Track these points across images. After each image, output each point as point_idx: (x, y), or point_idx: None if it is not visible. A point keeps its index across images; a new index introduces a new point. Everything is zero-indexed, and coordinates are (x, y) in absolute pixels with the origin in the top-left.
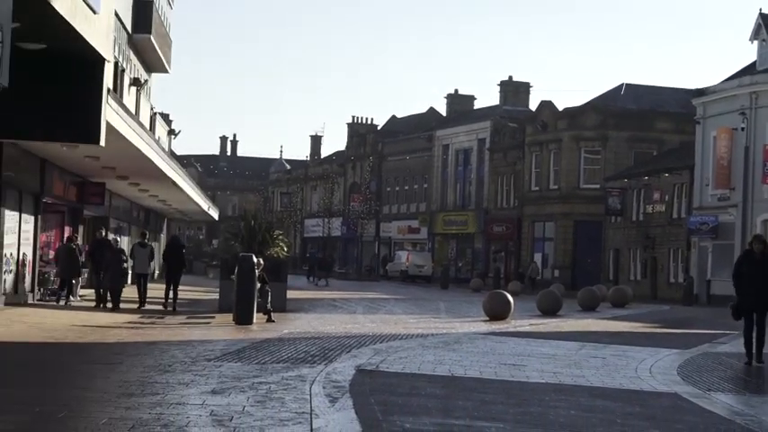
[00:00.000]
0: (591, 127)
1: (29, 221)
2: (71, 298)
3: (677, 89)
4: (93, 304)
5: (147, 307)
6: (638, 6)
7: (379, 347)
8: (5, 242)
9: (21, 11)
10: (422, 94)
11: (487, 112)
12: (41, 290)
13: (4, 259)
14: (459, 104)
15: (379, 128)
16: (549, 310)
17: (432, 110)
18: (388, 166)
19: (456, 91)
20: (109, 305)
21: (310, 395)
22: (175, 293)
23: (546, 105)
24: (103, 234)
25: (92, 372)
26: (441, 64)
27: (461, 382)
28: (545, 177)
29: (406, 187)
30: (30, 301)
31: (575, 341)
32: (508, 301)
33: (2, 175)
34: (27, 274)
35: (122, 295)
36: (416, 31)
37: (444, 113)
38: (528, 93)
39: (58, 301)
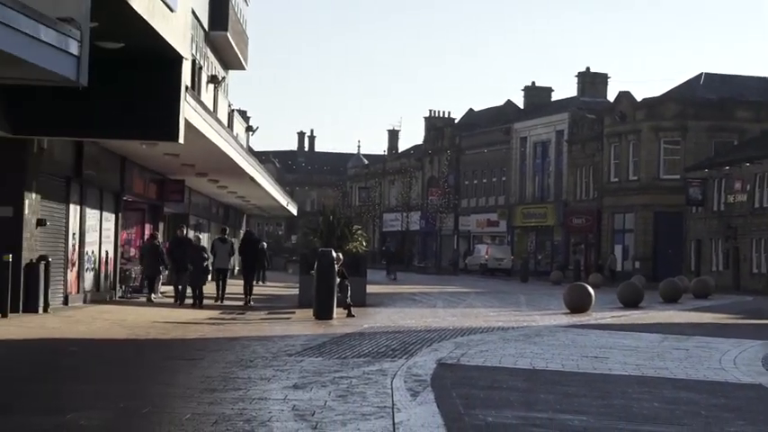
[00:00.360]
0: (670, 117)
1: (110, 219)
2: (153, 295)
3: (757, 78)
4: (172, 301)
5: (227, 303)
6: None
7: (460, 341)
8: (87, 240)
9: (99, 10)
10: (499, 87)
11: (565, 104)
12: (123, 287)
13: (86, 257)
14: (537, 97)
15: (456, 121)
16: (631, 302)
17: (509, 102)
18: (466, 160)
19: (533, 83)
20: (188, 302)
21: (392, 389)
22: (250, 287)
23: (624, 96)
24: (184, 232)
25: (174, 368)
26: (518, 56)
27: (543, 374)
28: (624, 168)
29: (485, 180)
30: (111, 299)
31: (657, 333)
32: (589, 294)
33: (83, 173)
34: (108, 272)
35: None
36: (493, 23)
37: (522, 106)
38: (606, 84)
39: (149, 298)
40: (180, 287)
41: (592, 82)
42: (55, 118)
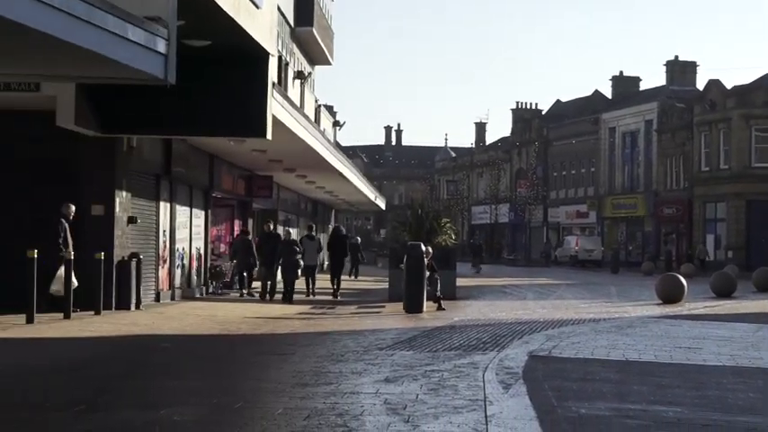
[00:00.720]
0: (761, 104)
1: (199, 216)
2: (245, 290)
3: None
4: (256, 297)
5: (317, 297)
6: None
7: (552, 333)
8: (177, 237)
9: (185, 8)
10: (586, 78)
11: (654, 93)
12: (213, 283)
13: (177, 254)
14: (625, 86)
15: (543, 112)
16: (724, 292)
17: (597, 93)
18: (554, 151)
19: (621, 73)
20: (277, 297)
21: (483, 382)
22: (338, 282)
23: (714, 84)
24: (271, 227)
25: (266, 363)
26: (605, 46)
27: (636, 366)
28: (715, 157)
29: (573, 172)
30: (202, 295)
31: (751, 323)
32: (681, 284)
33: (172, 171)
34: (199, 268)
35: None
36: (579, 13)
37: (610, 96)
38: (695, 72)
39: (242, 294)
40: (269, 282)
41: (681, 70)
42: (143, 116)
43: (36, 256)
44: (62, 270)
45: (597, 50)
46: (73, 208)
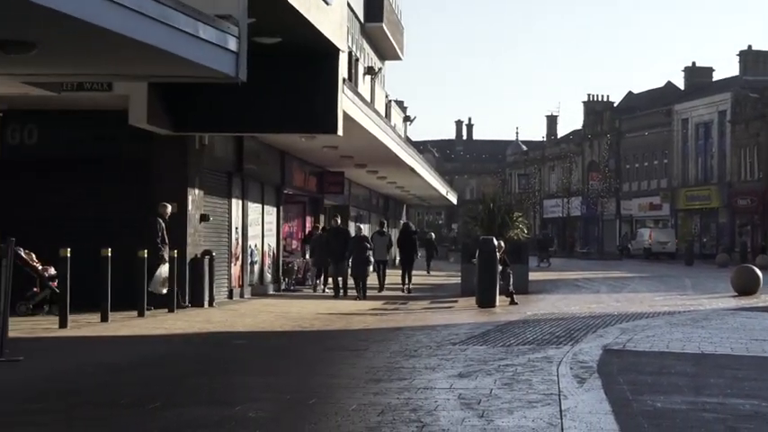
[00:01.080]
0: None
1: (271, 213)
2: (322, 286)
3: None
4: (333, 293)
5: (387, 293)
6: None
7: (626, 326)
8: (250, 234)
9: (256, 6)
10: (658, 69)
11: (727, 84)
12: (286, 280)
13: (249, 251)
14: (698, 77)
15: (615, 104)
16: None
17: (669, 84)
18: (627, 143)
19: (693, 63)
20: (351, 293)
21: (558, 376)
22: (409, 277)
23: None
24: (338, 222)
25: (339, 358)
26: (676, 37)
27: (712, 359)
28: None
29: (646, 164)
30: (274, 291)
31: None
32: (757, 276)
33: (244, 168)
34: (271, 265)
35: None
36: (650, 4)
37: (682, 87)
38: None
39: (314, 289)
40: (340, 279)
41: (754, 60)
42: (215, 114)
43: (111, 254)
44: (161, 269)
45: (669, 41)
46: (169, 208)
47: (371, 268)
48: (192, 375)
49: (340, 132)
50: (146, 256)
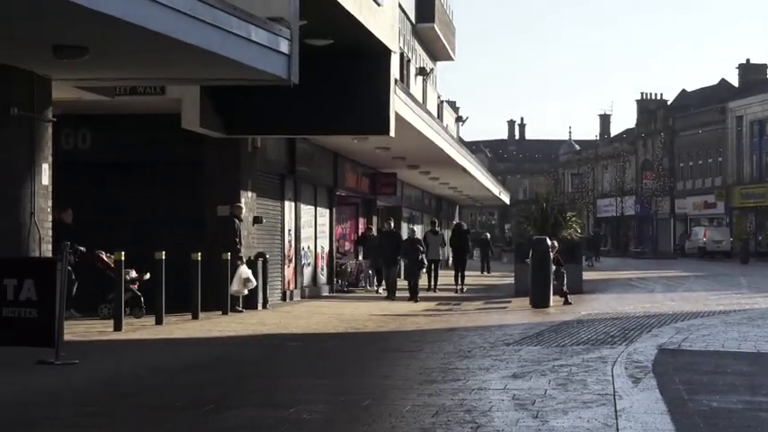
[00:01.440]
0: None
1: (324, 215)
2: (379, 288)
3: None
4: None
5: (440, 294)
6: None
7: (681, 326)
8: (302, 236)
9: (307, 8)
10: (712, 66)
11: None
12: (339, 281)
13: (302, 253)
14: (752, 74)
15: (669, 103)
16: None
17: (723, 81)
18: (681, 142)
19: (747, 60)
20: (399, 294)
21: (612, 376)
22: (462, 277)
23: None
24: (391, 224)
25: (393, 359)
26: (731, 34)
27: None
28: None
29: (700, 162)
30: (328, 293)
31: None
32: None
33: (296, 170)
34: (324, 267)
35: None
36: (704, 1)
37: (736, 84)
38: None
39: (377, 291)
40: (391, 280)
41: None
42: (267, 116)
43: (164, 257)
44: (241, 270)
45: (724, 38)
46: (244, 209)
47: (424, 270)
48: (246, 377)
49: (392, 133)
50: (228, 257)
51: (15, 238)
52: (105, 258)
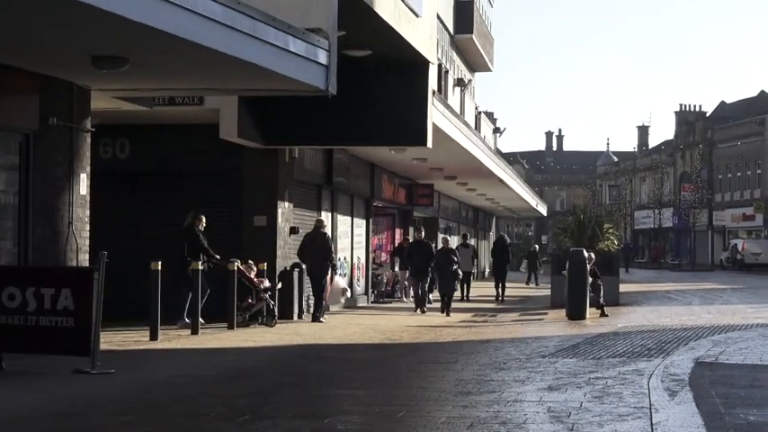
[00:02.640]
0: None
1: (360, 225)
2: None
3: None
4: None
5: (476, 305)
6: None
7: (718, 339)
8: (339, 246)
9: (345, 19)
10: (752, 78)
11: None
12: (374, 292)
13: (338, 263)
14: None
15: (708, 114)
16: None
17: (763, 93)
18: (719, 154)
19: None
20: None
21: (648, 389)
22: (503, 287)
23: None
24: (422, 235)
25: (428, 371)
26: None
27: None
28: None
29: (739, 174)
30: (363, 304)
31: None
32: None
33: (333, 180)
34: (360, 277)
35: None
36: (741, 13)
37: None
38: None
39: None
40: (420, 292)
41: None
42: (304, 127)
43: (201, 267)
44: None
45: (763, 50)
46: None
47: (458, 281)
48: (282, 388)
49: (429, 145)
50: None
51: (53, 248)
52: (242, 267)
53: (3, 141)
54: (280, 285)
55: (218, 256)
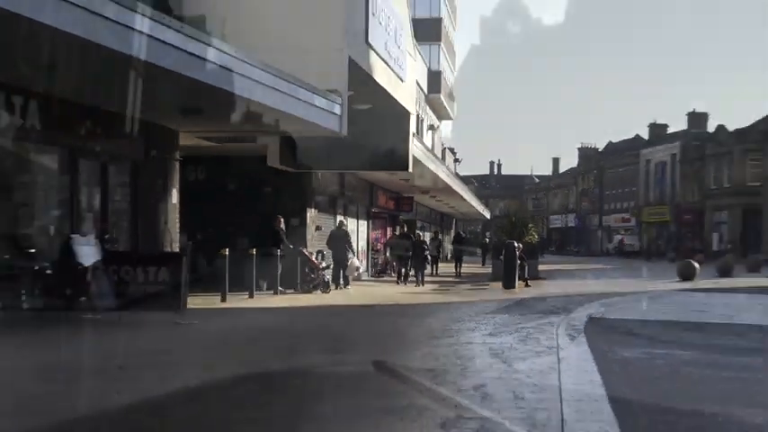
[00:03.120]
0: (754, 141)
1: (363, 224)
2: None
3: None
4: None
5: (442, 279)
6: None
7: (605, 302)
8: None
9: (354, 83)
10: (631, 124)
11: (678, 136)
12: (373, 270)
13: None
14: (657, 131)
15: (600, 150)
16: (724, 273)
17: (637, 136)
18: (607, 176)
19: (655, 121)
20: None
21: (556, 335)
22: (460, 266)
23: (720, 128)
24: (404, 230)
25: (407, 323)
26: (645, 99)
27: (663, 323)
28: (720, 178)
29: (620, 191)
30: (366, 279)
31: (745, 293)
32: (695, 267)
33: (344, 194)
34: (363, 260)
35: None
36: (626, 74)
37: (647, 137)
38: (707, 120)
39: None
40: (403, 270)
41: (697, 119)
42: (324, 157)
43: (255, 252)
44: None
45: (637, 105)
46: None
47: (428, 263)
48: (309, 335)
49: (411, 170)
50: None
51: (155, 239)
52: (307, 254)
53: (119, 167)
54: (326, 266)
55: (291, 245)
